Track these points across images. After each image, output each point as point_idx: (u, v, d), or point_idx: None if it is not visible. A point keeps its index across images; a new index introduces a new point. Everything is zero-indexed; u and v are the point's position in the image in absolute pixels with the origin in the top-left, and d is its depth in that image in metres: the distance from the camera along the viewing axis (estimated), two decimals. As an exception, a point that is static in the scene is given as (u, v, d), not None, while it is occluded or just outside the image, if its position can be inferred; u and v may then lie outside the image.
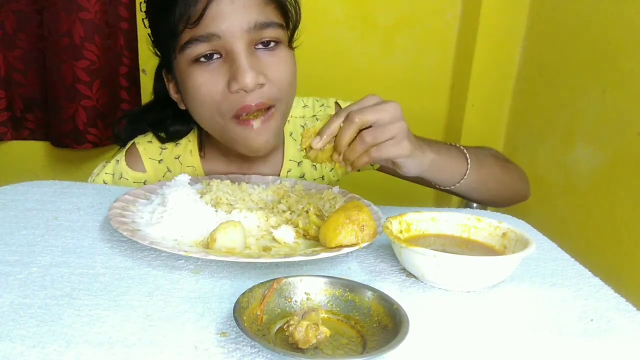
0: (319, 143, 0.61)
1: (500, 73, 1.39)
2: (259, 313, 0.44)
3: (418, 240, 0.59)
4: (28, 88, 1.33)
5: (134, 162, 0.87)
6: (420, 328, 0.45)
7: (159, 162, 0.88)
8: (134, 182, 0.87)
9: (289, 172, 0.90)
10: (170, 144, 0.89)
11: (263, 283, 0.46)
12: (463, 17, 1.41)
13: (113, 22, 1.28)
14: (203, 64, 0.72)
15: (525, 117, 1.36)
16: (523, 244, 0.54)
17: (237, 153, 0.81)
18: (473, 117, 1.39)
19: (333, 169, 0.91)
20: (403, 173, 0.68)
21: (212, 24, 0.69)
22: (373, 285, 0.48)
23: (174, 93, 0.81)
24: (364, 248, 0.59)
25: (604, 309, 0.50)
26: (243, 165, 0.87)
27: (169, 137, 0.89)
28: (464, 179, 0.75)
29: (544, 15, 1.29)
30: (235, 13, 0.69)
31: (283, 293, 0.46)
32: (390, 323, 0.43)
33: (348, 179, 0.81)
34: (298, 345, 0.40)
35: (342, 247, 0.55)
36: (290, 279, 0.47)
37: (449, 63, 1.45)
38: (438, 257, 0.50)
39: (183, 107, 0.80)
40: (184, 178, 0.68)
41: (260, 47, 0.73)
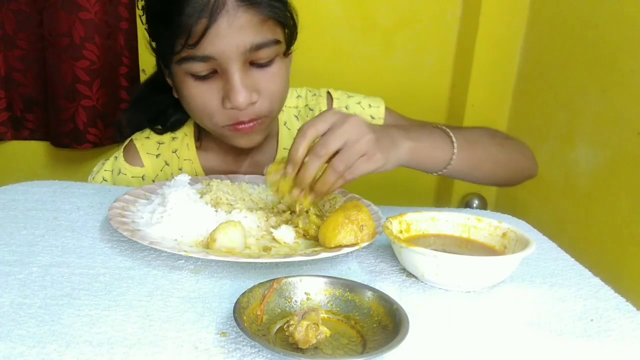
0: (291, 169, 0.58)
1: (500, 73, 1.39)
2: (259, 313, 0.44)
3: (418, 241, 0.59)
4: (28, 88, 1.33)
5: (132, 157, 0.89)
6: (420, 328, 0.45)
7: (157, 156, 0.89)
8: (132, 176, 0.88)
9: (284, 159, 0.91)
10: (168, 138, 0.90)
11: (263, 283, 0.46)
12: (463, 17, 1.40)
13: (113, 22, 1.28)
14: (199, 78, 0.74)
15: (525, 117, 1.36)
16: (523, 244, 0.54)
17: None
18: (473, 117, 1.39)
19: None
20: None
21: (209, 47, 0.70)
22: (373, 285, 0.48)
23: (169, 79, 0.82)
24: (364, 248, 0.59)
25: (604, 309, 0.50)
26: (239, 156, 0.90)
27: (170, 126, 0.90)
28: (452, 163, 0.72)
29: (544, 15, 1.29)
30: (233, 35, 0.69)
31: (283, 293, 0.46)
32: (390, 323, 0.43)
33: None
34: (298, 345, 0.40)
35: (341, 247, 0.55)
36: (290, 279, 0.47)
37: (449, 63, 1.45)
38: (438, 257, 0.50)
39: (177, 96, 0.82)
40: (184, 178, 0.69)
41: (255, 63, 0.74)
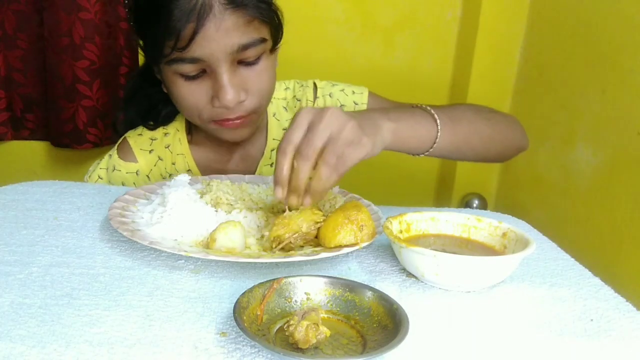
0: (280, 192, 0.57)
1: (500, 73, 1.39)
2: (259, 313, 0.44)
3: (418, 240, 0.59)
4: (28, 88, 1.33)
5: (126, 154, 0.91)
6: (420, 328, 0.45)
7: (150, 152, 0.91)
8: (127, 172, 0.89)
9: (273, 150, 0.93)
10: (160, 134, 0.92)
11: (263, 283, 0.46)
12: (463, 17, 1.40)
13: (113, 22, 1.28)
14: (188, 78, 0.75)
15: (525, 117, 1.36)
16: (523, 244, 0.54)
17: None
18: (473, 117, 1.39)
19: None
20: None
21: (198, 49, 0.71)
22: (373, 285, 0.48)
23: (158, 75, 0.83)
24: (364, 248, 0.59)
25: (604, 309, 0.50)
26: (230, 148, 0.92)
27: (162, 121, 0.92)
28: (437, 142, 0.70)
29: (544, 15, 1.29)
30: (221, 38, 0.71)
31: (283, 293, 0.46)
32: (390, 323, 0.43)
33: (348, 179, 0.81)
34: (298, 345, 0.40)
35: (341, 247, 0.55)
36: (290, 279, 0.47)
37: (449, 63, 1.45)
38: (438, 257, 0.50)
39: (166, 90, 0.83)
40: (184, 178, 0.69)
41: (243, 62, 0.75)
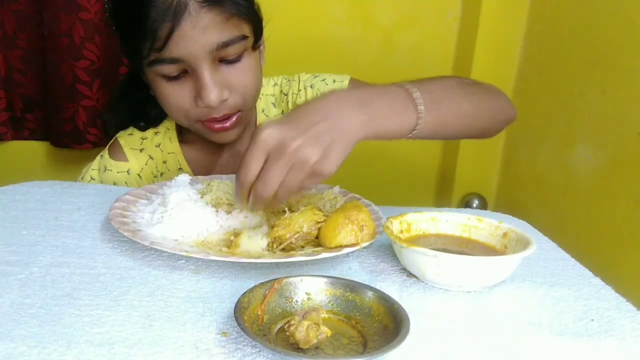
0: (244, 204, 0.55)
1: (500, 73, 1.38)
2: (260, 313, 0.44)
3: (418, 240, 0.59)
4: (28, 88, 1.33)
5: (117, 153, 0.91)
6: (421, 328, 0.45)
7: (140, 151, 0.92)
8: (118, 172, 0.90)
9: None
10: (150, 133, 0.93)
11: (264, 283, 0.46)
12: (463, 17, 1.40)
13: (113, 22, 1.28)
14: (170, 79, 0.75)
15: (525, 117, 1.36)
16: (523, 244, 0.54)
17: None
18: (473, 117, 1.39)
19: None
20: None
21: (175, 49, 0.71)
22: (374, 285, 0.48)
23: (143, 76, 0.83)
24: (365, 248, 0.59)
25: (605, 309, 0.51)
26: (220, 146, 0.92)
27: (151, 121, 0.93)
28: (418, 128, 0.62)
29: (544, 15, 1.29)
30: (198, 36, 0.70)
31: (284, 293, 0.46)
32: (391, 323, 0.43)
33: (348, 179, 0.81)
34: (299, 345, 0.40)
35: (342, 247, 0.55)
36: (291, 279, 0.47)
37: (449, 63, 1.45)
38: (439, 257, 0.50)
39: (152, 93, 0.83)
40: (185, 178, 0.69)
41: (224, 60, 0.75)
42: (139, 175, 0.91)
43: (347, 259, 0.59)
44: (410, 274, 0.56)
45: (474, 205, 1.45)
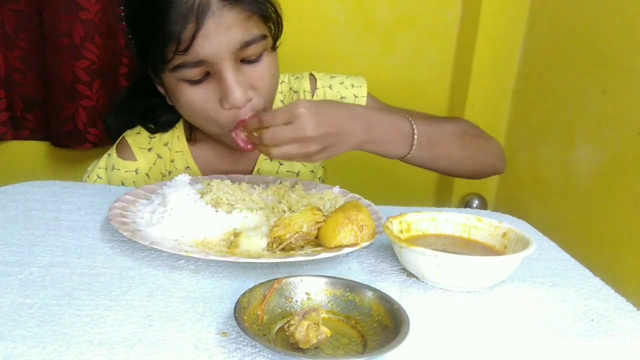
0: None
1: (500, 73, 1.38)
2: (260, 313, 0.44)
3: (418, 240, 0.59)
4: (28, 88, 1.32)
5: (125, 153, 0.90)
6: (421, 328, 0.45)
7: (149, 150, 0.91)
8: (126, 171, 0.89)
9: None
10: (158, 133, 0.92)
11: (264, 283, 0.46)
12: (463, 17, 1.40)
13: (113, 22, 1.28)
14: (193, 83, 0.74)
15: (525, 117, 1.36)
16: (523, 244, 0.54)
17: None
18: (473, 117, 1.39)
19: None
20: None
21: (200, 50, 0.70)
22: (373, 285, 0.48)
23: (161, 88, 0.82)
24: (364, 248, 0.59)
25: (605, 309, 0.51)
26: (229, 146, 0.89)
27: (160, 126, 0.92)
28: (408, 157, 0.77)
29: (544, 15, 1.29)
30: (222, 35, 0.70)
31: (284, 293, 0.46)
32: (391, 323, 0.43)
33: (348, 179, 0.81)
34: (299, 345, 0.40)
35: (341, 247, 0.55)
36: (291, 279, 0.47)
37: (449, 63, 1.45)
38: (438, 257, 0.50)
39: (170, 102, 0.82)
40: (184, 178, 0.69)
41: (246, 60, 0.75)
42: (147, 175, 0.90)
43: (346, 259, 0.59)
44: (410, 274, 0.56)
45: (474, 205, 1.45)
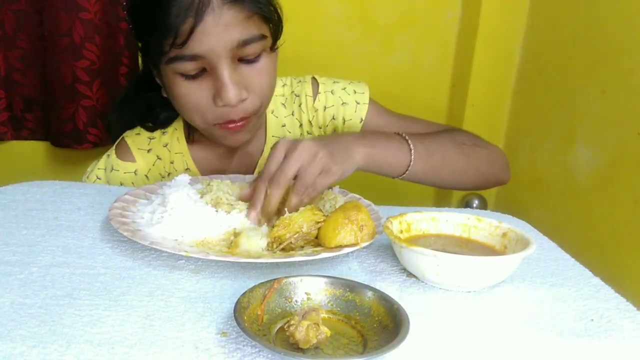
0: (254, 216, 0.62)
1: (500, 73, 1.38)
2: (260, 313, 0.44)
3: (418, 240, 0.59)
4: (28, 88, 1.32)
5: (124, 154, 0.90)
6: (421, 328, 0.45)
7: (148, 151, 0.91)
8: (125, 172, 0.89)
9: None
10: (158, 133, 0.92)
11: (264, 283, 0.46)
12: (463, 17, 1.40)
13: (113, 22, 1.28)
14: (188, 78, 0.75)
15: (525, 117, 1.36)
16: (523, 244, 0.54)
17: None
18: (473, 117, 1.39)
19: None
20: None
21: (197, 46, 0.70)
22: (373, 285, 0.48)
23: (159, 80, 0.83)
24: (364, 248, 0.59)
25: (605, 309, 0.51)
26: (229, 147, 0.91)
27: (160, 124, 0.92)
28: (409, 171, 0.77)
29: (544, 15, 1.29)
30: (220, 33, 0.70)
31: (283, 293, 0.46)
32: (391, 323, 0.43)
33: (348, 179, 0.82)
34: (299, 345, 0.40)
35: (341, 247, 0.55)
36: (291, 279, 0.47)
37: (449, 63, 1.45)
38: (438, 257, 0.50)
39: (166, 95, 0.83)
40: (184, 178, 0.69)
41: (243, 60, 0.75)
42: (146, 176, 0.90)
43: (346, 259, 0.59)
44: (410, 274, 0.56)
45: (474, 205, 1.45)
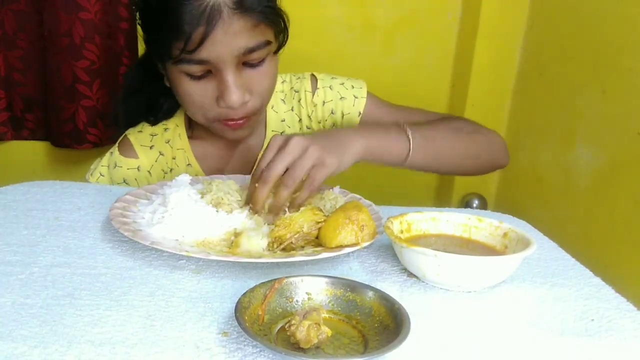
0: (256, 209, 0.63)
1: (500, 73, 1.39)
2: (261, 313, 0.44)
3: (419, 240, 0.59)
4: (28, 88, 1.33)
5: (127, 150, 0.91)
6: (422, 328, 0.45)
7: (150, 148, 0.92)
8: (128, 168, 0.90)
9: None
10: (160, 129, 0.93)
11: (264, 283, 0.46)
12: (463, 17, 1.40)
13: (113, 22, 1.28)
14: (194, 78, 0.76)
15: (525, 117, 1.36)
16: (524, 244, 0.54)
17: None
18: (473, 117, 1.38)
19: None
20: None
21: (206, 52, 0.72)
22: (374, 285, 0.48)
23: (163, 71, 0.84)
24: (365, 248, 0.59)
25: (605, 309, 0.51)
26: (229, 142, 0.92)
27: (163, 115, 0.93)
28: (409, 159, 0.77)
29: (544, 15, 1.29)
30: (228, 41, 0.72)
31: (284, 293, 0.46)
32: (392, 323, 0.43)
33: (348, 179, 0.82)
34: (299, 345, 0.40)
35: (342, 247, 0.55)
36: (292, 279, 0.47)
37: (449, 63, 1.45)
38: (439, 257, 0.50)
39: (168, 84, 0.84)
40: (185, 178, 0.69)
41: (248, 63, 0.77)
42: (149, 172, 0.91)
43: (347, 259, 0.59)
44: (411, 274, 0.56)
45: (474, 205, 1.45)
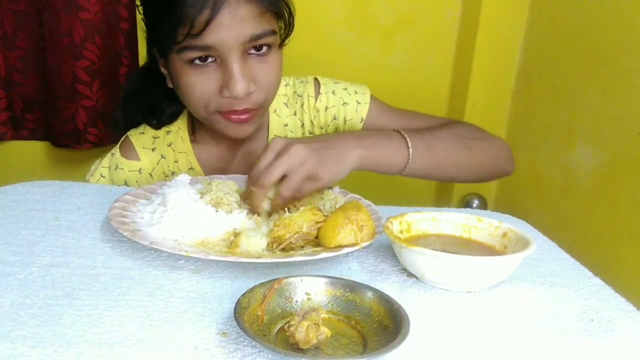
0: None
1: (500, 73, 1.38)
2: (260, 313, 0.44)
3: (418, 241, 0.59)
4: (28, 88, 1.33)
5: (128, 152, 0.90)
6: (421, 328, 0.45)
7: (152, 150, 0.91)
8: (130, 170, 0.89)
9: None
10: (162, 133, 0.92)
11: (264, 283, 0.46)
12: (463, 17, 1.40)
13: (113, 22, 1.28)
14: (198, 66, 0.75)
15: (525, 117, 1.36)
16: (523, 244, 0.54)
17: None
18: (473, 117, 1.39)
19: None
20: None
21: (210, 37, 0.71)
22: (373, 286, 0.48)
23: (164, 69, 0.83)
24: (364, 248, 0.59)
25: (605, 309, 0.51)
26: (233, 146, 0.91)
27: (166, 119, 0.92)
28: (409, 167, 0.76)
29: (544, 15, 1.29)
30: (234, 26, 0.71)
31: (284, 293, 0.46)
32: (391, 323, 0.43)
33: (348, 179, 0.82)
34: (299, 346, 0.40)
35: (341, 247, 0.55)
36: (291, 279, 0.47)
37: (449, 63, 1.45)
38: (438, 257, 0.50)
39: (171, 85, 0.84)
40: (185, 178, 0.69)
41: (253, 52, 0.76)
42: (151, 175, 0.90)
43: (346, 259, 0.59)
44: (410, 274, 0.56)
45: (474, 205, 1.45)
